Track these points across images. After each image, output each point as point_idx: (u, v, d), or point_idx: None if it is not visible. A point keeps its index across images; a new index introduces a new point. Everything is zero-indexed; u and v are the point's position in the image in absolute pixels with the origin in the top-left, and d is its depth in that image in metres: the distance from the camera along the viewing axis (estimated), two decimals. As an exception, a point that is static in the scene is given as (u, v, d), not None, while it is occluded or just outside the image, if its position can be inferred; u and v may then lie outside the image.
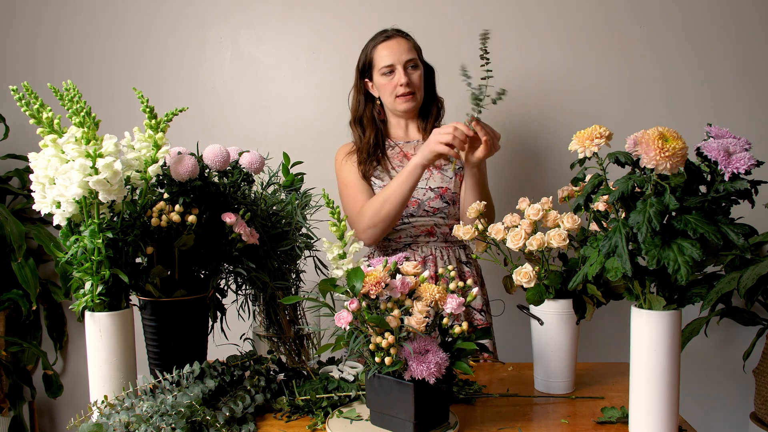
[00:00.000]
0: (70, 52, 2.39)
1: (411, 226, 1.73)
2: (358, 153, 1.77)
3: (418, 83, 1.72)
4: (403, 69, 1.69)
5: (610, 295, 1.22)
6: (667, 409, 0.98)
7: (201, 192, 1.26)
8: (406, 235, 1.73)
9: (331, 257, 1.11)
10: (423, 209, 1.72)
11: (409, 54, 1.70)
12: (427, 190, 1.72)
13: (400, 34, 1.73)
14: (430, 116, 1.80)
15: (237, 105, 2.38)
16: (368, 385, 1.05)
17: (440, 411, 1.05)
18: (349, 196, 1.75)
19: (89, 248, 1.07)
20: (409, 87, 1.70)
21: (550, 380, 1.28)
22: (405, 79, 1.69)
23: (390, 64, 1.69)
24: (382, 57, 1.71)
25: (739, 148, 0.94)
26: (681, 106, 2.26)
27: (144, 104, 1.16)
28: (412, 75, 1.71)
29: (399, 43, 1.71)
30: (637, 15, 2.24)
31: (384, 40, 1.72)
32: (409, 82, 1.70)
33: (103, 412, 1.03)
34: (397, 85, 1.70)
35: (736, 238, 0.90)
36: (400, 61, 1.69)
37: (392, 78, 1.70)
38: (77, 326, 2.47)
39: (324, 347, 1.07)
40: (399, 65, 1.69)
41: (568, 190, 1.36)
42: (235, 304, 1.39)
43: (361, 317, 0.99)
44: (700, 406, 2.34)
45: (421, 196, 1.72)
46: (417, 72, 1.72)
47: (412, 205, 1.72)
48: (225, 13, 2.35)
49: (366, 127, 1.79)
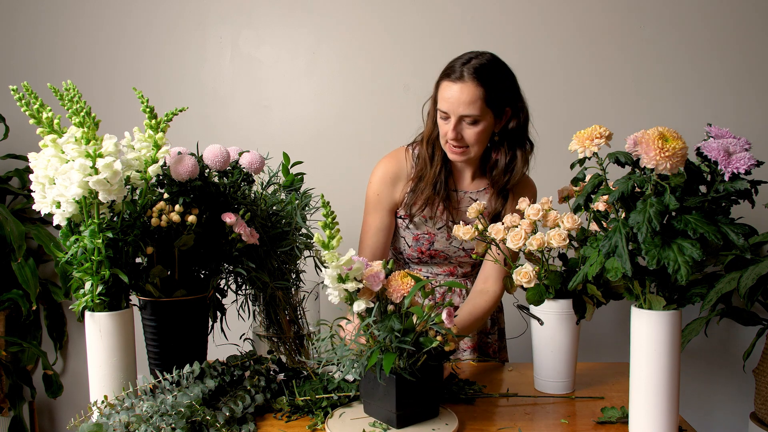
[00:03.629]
0: (70, 52, 2.39)
1: (434, 265, 1.64)
2: (417, 177, 1.55)
3: (473, 139, 1.46)
4: (456, 122, 1.44)
5: (610, 295, 1.22)
6: (667, 409, 0.98)
7: (201, 192, 1.26)
8: (427, 271, 1.65)
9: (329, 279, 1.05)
10: (449, 261, 1.63)
11: (467, 108, 1.42)
12: (460, 249, 1.59)
13: (472, 79, 1.41)
14: (510, 168, 1.54)
15: (237, 105, 2.38)
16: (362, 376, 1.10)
17: (428, 406, 1.09)
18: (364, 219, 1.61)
19: (89, 248, 1.07)
20: (457, 142, 1.46)
21: (550, 380, 1.28)
22: (453, 135, 1.44)
23: (445, 111, 1.45)
24: (442, 99, 1.46)
25: (739, 148, 0.94)
26: (681, 106, 2.26)
27: (144, 104, 1.16)
28: (465, 130, 1.45)
29: (462, 91, 1.41)
30: (637, 15, 2.24)
31: (452, 80, 1.43)
32: (458, 137, 1.45)
33: (103, 412, 1.03)
34: (448, 132, 1.46)
35: (736, 238, 0.90)
36: (455, 114, 1.43)
37: (447, 123, 1.46)
38: (77, 326, 2.47)
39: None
40: (453, 117, 1.44)
41: (568, 190, 1.36)
42: (235, 304, 1.39)
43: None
44: (700, 406, 2.34)
45: (452, 253, 1.60)
46: (474, 129, 1.44)
47: (440, 257, 1.60)
48: (225, 13, 2.35)
49: (436, 152, 1.55)
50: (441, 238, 1.59)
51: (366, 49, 2.31)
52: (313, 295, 1.42)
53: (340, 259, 1.01)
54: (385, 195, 1.58)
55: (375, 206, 1.59)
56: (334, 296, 1.05)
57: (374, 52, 2.32)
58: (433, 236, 1.59)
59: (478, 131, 1.45)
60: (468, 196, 1.59)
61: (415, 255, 1.61)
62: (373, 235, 1.59)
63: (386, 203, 1.58)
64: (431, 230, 1.58)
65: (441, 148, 1.53)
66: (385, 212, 1.59)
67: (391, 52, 2.29)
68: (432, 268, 1.64)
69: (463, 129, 1.45)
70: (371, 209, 1.60)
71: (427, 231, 1.58)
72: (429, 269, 1.65)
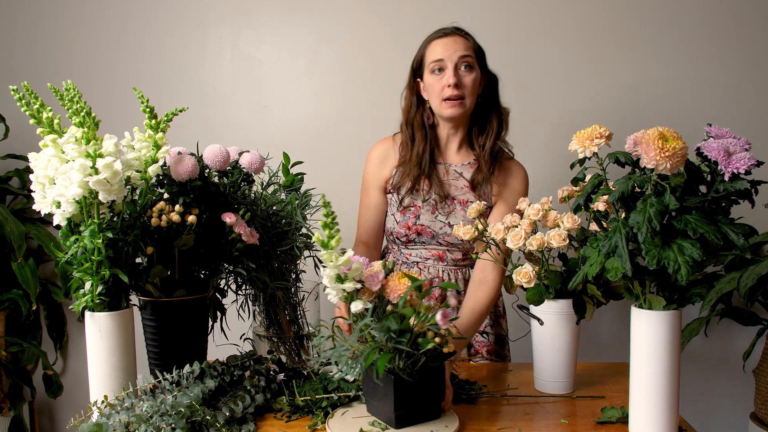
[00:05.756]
0: (70, 52, 2.39)
1: (423, 248, 1.65)
2: (402, 163, 1.63)
3: (470, 87, 1.52)
4: (454, 68, 1.50)
5: (610, 295, 1.22)
6: (667, 409, 0.98)
7: (201, 192, 1.26)
8: (417, 255, 1.66)
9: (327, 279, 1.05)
10: (437, 240, 1.63)
11: (464, 50, 1.51)
12: (446, 225, 1.61)
13: (458, 33, 1.55)
14: (488, 130, 1.60)
15: (237, 105, 2.38)
16: (364, 375, 1.11)
17: (429, 407, 1.08)
18: (361, 198, 1.71)
19: (89, 248, 1.07)
20: (458, 89, 1.50)
21: (550, 380, 1.28)
22: (454, 80, 1.49)
23: (440, 59, 1.51)
24: (434, 52, 1.54)
25: (739, 148, 0.94)
26: (681, 106, 2.26)
27: (144, 104, 1.16)
28: (464, 77, 1.51)
29: (455, 41, 1.53)
30: (637, 15, 2.24)
31: (440, 36, 1.55)
32: (459, 83, 1.50)
33: (103, 412, 1.03)
34: (445, 86, 1.51)
35: (736, 238, 0.90)
36: (452, 59, 1.50)
37: (441, 77, 1.52)
38: (77, 326, 2.47)
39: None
40: (450, 63, 1.50)
41: (568, 190, 1.36)
42: (235, 304, 1.39)
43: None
44: (700, 406, 2.34)
45: (438, 229, 1.61)
46: (471, 75, 1.52)
47: (427, 235, 1.62)
48: (225, 13, 2.35)
49: (416, 132, 1.61)
50: (426, 211, 1.62)
51: (366, 49, 2.31)
52: (313, 295, 1.42)
53: (338, 259, 1.01)
54: (376, 174, 1.68)
55: (368, 186, 1.70)
56: (333, 296, 1.05)
57: (374, 52, 2.32)
58: (419, 209, 1.63)
59: (473, 78, 1.53)
60: (453, 169, 1.64)
61: (403, 232, 1.64)
62: (366, 212, 1.69)
63: (377, 182, 1.68)
64: (417, 203, 1.63)
65: (422, 127, 1.61)
66: (376, 191, 1.68)
67: (391, 52, 2.29)
68: (420, 250, 1.66)
69: (461, 75, 1.52)
70: (364, 189, 1.71)
71: (412, 203, 1.63)
72: (418, 252, 1.66)
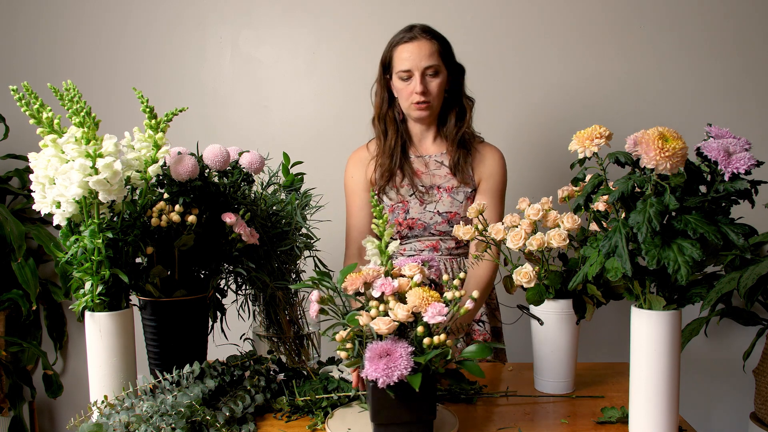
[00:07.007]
0: (70, 52, 2.39)
1: (417, 241, 1.68)
2: (378, 157, 1.69)
3: (435, 92, 1.62)
4: (421, 76, 1.59)
5: (610, 295, 1.22)
6: (667, 409, 0.98)
7: (201, 192, 1.26)
8: (411, 248, 1.69)
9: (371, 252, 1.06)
10: (429, 232, 1.67)
11: (429, 60, 1.59)
12: (435, 214, 1.66)
13: (425, 36, 1.61)
14: (455, 120, 1.69)
15: (237, 105, 2.37)
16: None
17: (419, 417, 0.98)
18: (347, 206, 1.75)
19: (89, 248, 1.07)
20: (424, 96, 1.60)
21: (550, 380, 1.28)
22: (420, 88, 1.59)
23: (407, 69, 1.60)
24: (401, 60, 1.61)
25: (739, 148, 0.94)
26: (681, 106, 2.26)
27: (144, 104, 1.16)
28: (429, 83, 1.61)
29: (421, 47, 1.60)
30: (637, 15, 2.24)
31: (407, 40, 1.61)
32: (425, 91, 1.60)
33: (103, 412, 1.03)
34: (413, 93, 1.61)
35: (736, 238, 0.90)
36: (418, 68, 1.59)
37: (409, 84, 1.61)
38: (77, 326, 2.47)
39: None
40: (417, 72, 1.59)
41: (568, 190, 1.36)
42: (235, 304, 1.39)
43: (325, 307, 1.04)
44: (700, 406, 2.34)
45: (428, 219, 1.66)
46: (436, 80, 1.61)
47: (419, 227, 1.66)
48: (225, 13, 2.35)
49: (389, 127, 1.70)
50: (414, 204, 1.67)
51: (366, 49, 2.31)
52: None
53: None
54: (358, 175, 1.73)
55: (353, 189, 1.74)
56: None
57: (374, 52, 2.31)
58: (407, 204, 1.67)
59: (439, 82, 1.62)
60: (434, 160, 1.71)
61: (395, 229, 1.66)
62: (356, 214, 1.73)
63: (361, 183, 1.73)
64: (404, 197, 1.67)
65: (393, 122, 1.70)
66: (362, 191, 1.72)
67: (391, 52, 2.29)
68: (414, 243, 1.69)
69: (427, 83, 1.61)
70: (350, 193, 1.75)
71: (401, 200, 1.67)
72: (412, 246, 1.70)
